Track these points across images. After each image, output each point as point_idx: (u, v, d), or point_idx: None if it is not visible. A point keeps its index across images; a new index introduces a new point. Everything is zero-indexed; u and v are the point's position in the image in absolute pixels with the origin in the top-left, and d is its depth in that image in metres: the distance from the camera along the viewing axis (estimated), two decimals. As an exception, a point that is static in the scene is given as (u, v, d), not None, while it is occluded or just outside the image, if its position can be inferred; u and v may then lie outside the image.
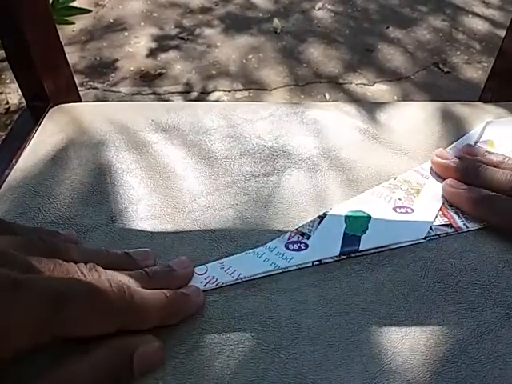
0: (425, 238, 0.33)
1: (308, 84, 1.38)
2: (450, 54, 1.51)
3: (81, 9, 1.16)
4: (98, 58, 1.46)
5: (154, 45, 1.52)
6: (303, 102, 1.28)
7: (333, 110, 0.44)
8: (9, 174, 0.38)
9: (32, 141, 0.41)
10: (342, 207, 0.35)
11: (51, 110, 0.45)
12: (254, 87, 1.36)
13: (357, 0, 1.74)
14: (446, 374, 0.26)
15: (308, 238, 0.32)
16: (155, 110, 0.44)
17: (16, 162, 0.39)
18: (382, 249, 0.32)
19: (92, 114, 0.44)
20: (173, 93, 1.34)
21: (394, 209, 0.34)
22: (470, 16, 1.68)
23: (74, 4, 1.14)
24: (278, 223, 0.34)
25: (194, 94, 1.34)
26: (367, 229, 0.33)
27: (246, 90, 1.35)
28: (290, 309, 0.29)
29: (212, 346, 0.27)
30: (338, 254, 0.31)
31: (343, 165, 0.38)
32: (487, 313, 0.29)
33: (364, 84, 1.38)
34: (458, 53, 1.51)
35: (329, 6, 1.71)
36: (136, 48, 1.51)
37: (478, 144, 0.40)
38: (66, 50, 0.47)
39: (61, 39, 0.46)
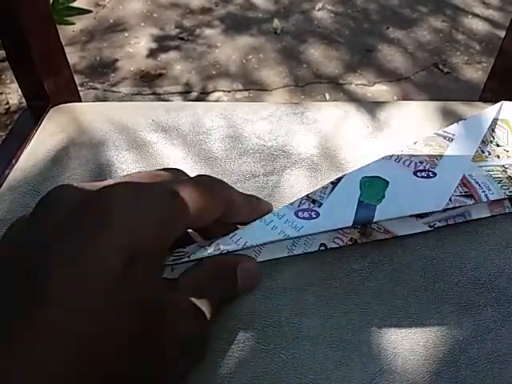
0: (443, 210, 0.31)
1: (308, 84, 1.38)
2: (450, 54, 1.51)
3: (81, 9, 1.16)
4: (98, 58, 1.46)
5: (154, 45, 1.52)
6: (303, 102, 1.28)
7: (333, 110, 0.44)
8: (9, 173, 0.38)
9: (32, 141, 0.41)
10: (357, 173, 0.32)
11: (51, 110, 0.45)
12: (254, 87, 1.36)
13: (357, 0, 1.74)
14: (445, 374, 0.26)
15: (319, 206, 0.30)
16: (155, 110, 0.44)
17: (16, 161, 0.39)
18: (389, 236, 0.31)
19: (92, 113, 0.44)
20: (173, 93, 1.34)
21: (415, 173, 0.32)
22: (470, 17, 1.68)
23: (75, 4, 1.14)
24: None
25: (194, 95, 1.34)
26: (383, 197, 0.30)
27: (246, 90, 1.35)
28: (290, 309, 0.29)
29: (212, 346, 0.27)
30: (351, 223, 0.29)
31: (343, 165, 0.38)
32: (487, 312, 0.29)
33: (364, 84, 1.38)
34: (458, 53, 1.51)
35: (329, 7, 1.71)
36: (136, 48, 1.51)
37: (498, 123, 0.39)
38: (67, 50, 0.48)
39: (61, 39, 0.47)
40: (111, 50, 1.49)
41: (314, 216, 0.29)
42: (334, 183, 0.31)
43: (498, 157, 0.36)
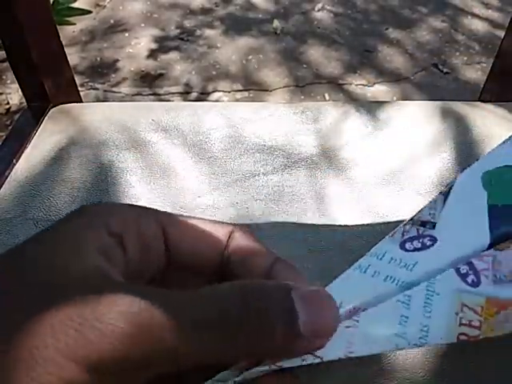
0: None
1: (308, 85, 1.38)
2: (450, 54, 1.51)
3: (81, 9, 1.16)
4: (98, 59, 1.46)
5: (154, 45, 1.52)
6: (303, 102, 1.28)
7: (332, 110, 0.44)
8: (10, 173, 0.38)
9: (33, 141, 0.41)
10: (475, 169, 0.22)
11: (52, 110, 0.45)
12: (254, 88, 1.36)
13: (356, 1, 1.74)
14: (445, 373, 0.26)
15: (433, 227, 0.21)
16: (155, 110, 0.44)
17: (17, 161, 0.39)
18: None
19: (92, 114, 0.44)
20: (173, 93, 1.35)
21: None
22: (470, 17, 1.69)
23: (75, 5, 1.14)
24: (278, 221, 0.34)
25: (194, 95, 1.34)
26: None
27: (246, 90, 1.36)
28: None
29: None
30: (487, 243, 0.20)
31: (343, 164, 0.38)
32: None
33: (363, 85, 1.38)
34: (458, 53, 1.51)
35: (328, 7, 1.71)
36: (136, 49, 1.51)
37: None
38: (67, 50, 0.48)
39: (61, 40, 0.47)
40: (111, 51, 1.49)
41: (428, 244, 0.20)
42: (445, 192, 0.21)
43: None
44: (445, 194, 0.22)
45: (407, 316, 0.18)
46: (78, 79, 0.73)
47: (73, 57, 1.44)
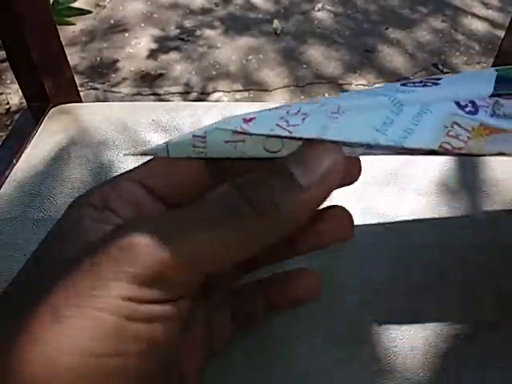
0: None
1: (308, 85, 1.38)
2: (450, 54, 1.51)
3: (81, 9, 1.17)
4: (98, 59, 1.46)
5: (154, 46, 1.52)
6: (303, 102, 1.28)
7: (332, 110, 0.44)
8: (9, 173, 0.38)
9: (32, 141, 0.41)
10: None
11: (52, 110, 0.45)
12: (254, 88, 1.36)
13: (356, 1, 1.74)
14: (446, 373, 0.26)
15: (439, 80, 0.20)
16: (155, 110, 0.44)
17: (17, 161, 0.39)
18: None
19: (92, 114, 0.44)
20: (173, 93, 1.34)
21: None
22: (470, 17, 1.68)
23: (75, 5, 1.14)
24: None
25: (194, 95, 1.34)
26: None
27: (246, 90, 1.36)
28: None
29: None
30: (491, 90, 0.19)
31: (343, 164, 0.38)
32: (488, 311, 0.29)
33: (364, 85, 1.38)
34: (458, 53, 1.51)
35: (328, 7, 1.71)
36: (136, 49, 1.51)
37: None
38: (67, 50, 0.48)
39: (61, 40, 0.47)
40: (111, 51, 1.49)
41: (429, 84, 0.20)
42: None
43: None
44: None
45: (393, 119, 0.18)
46: (77, 79, 0.72)
47: (73, 57, 1.44)
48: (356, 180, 0.21)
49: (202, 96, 1.33)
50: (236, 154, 0.18)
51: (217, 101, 1.32)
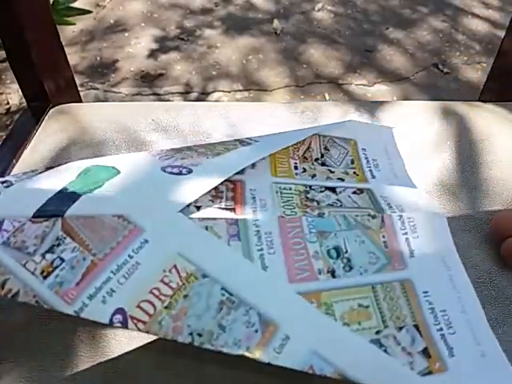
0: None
1: (308, 85, 1.38)
2: (450, 54, 1.51)
3: (81, 9, 1.16)
4: (98, 59, 1.46)
5: (154, 45, 1.52)
6: (303, 102, 1.28)
7: (332, 110, 0.44)
8: (9, 173, 0.38)
9: (32, 141, 0.41)
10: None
11: (51, 110, 0.45)
12: (254, 88, 1.36)
13: (357, 1, 1.74)
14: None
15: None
16: (155, 109, 0.44)
17: (17, 161, 0.39)
18: None
19: (92, 114, 0.44)
20: (173, 93, 1.35)
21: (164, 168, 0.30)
22: (470, 17, 1.68)
23: (75, 5, 1.14)
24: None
25: (194, 95, 1.34)
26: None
27: (246, 90, 1.36)
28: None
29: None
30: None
31: (343, 164, 0.38)
32: (488, 310, 0.29)
33: (364, 85, 1.38)
34: (458, 53, 1.51)
35: (329, 7, 1.71)
36: (136, 49, 1.51)
37: (337, 141, 0.36)
38: (67, 50, 0.48)
39: (61, 40, 0.47)
40: (111, 51, 1.49)
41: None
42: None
43: (314, 176, 0.33)
44: None
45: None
46: (77, 79, 0.72)
47: (73, 57, 1.44)
48: None
49: (202, 96, 1.33)
50: None
51: (217, 101, 1.32)
